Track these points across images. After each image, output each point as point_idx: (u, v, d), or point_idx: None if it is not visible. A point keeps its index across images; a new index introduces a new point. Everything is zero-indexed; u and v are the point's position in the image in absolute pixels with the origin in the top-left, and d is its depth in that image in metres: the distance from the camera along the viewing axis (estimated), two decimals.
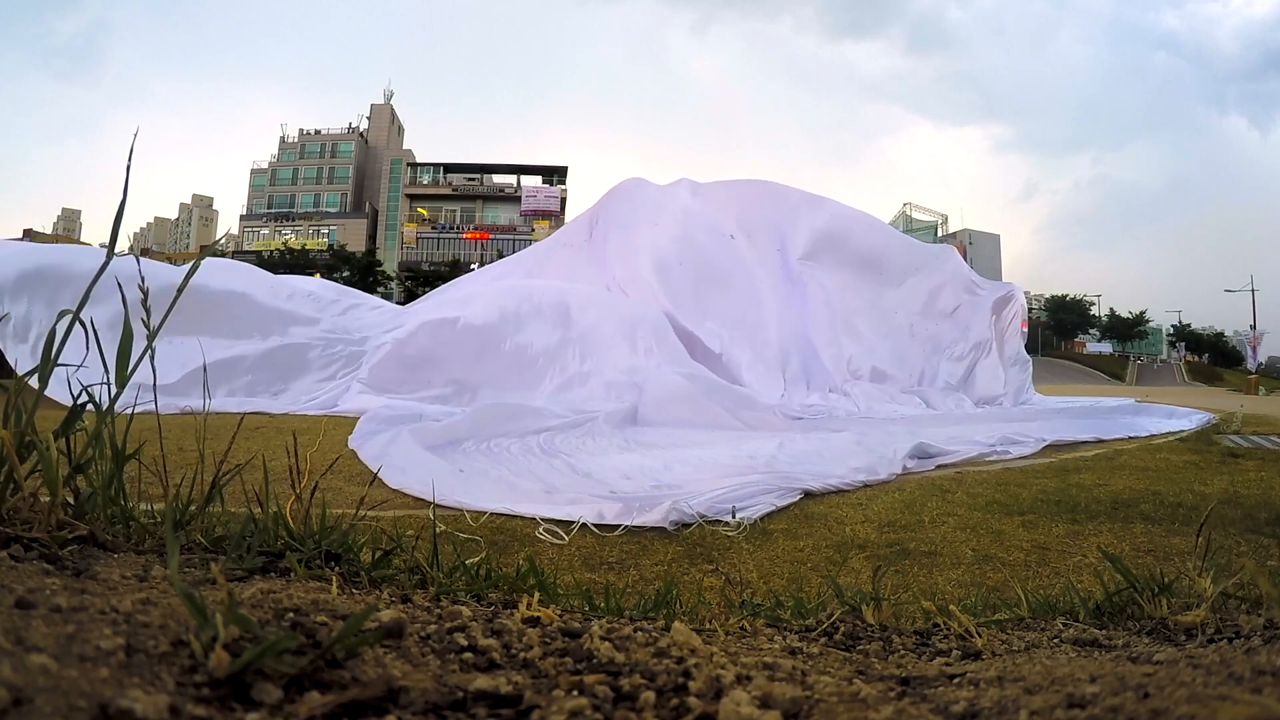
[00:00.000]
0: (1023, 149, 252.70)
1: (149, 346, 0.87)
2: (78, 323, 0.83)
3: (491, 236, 50.58)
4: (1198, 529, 1.07)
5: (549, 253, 11.45)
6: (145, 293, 0.89)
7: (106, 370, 0.86)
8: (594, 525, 2.57)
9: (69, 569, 0.67)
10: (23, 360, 5.53)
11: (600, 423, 5.27)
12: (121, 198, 0.93)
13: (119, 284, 0.88)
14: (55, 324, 0.82)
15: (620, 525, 2.56)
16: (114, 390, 0.86)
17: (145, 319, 0.88)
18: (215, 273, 7.45)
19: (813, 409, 7.71)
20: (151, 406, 0.93)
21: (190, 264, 0.96)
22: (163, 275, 5.76)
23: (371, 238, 54.12)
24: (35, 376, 0.84)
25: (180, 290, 0.91)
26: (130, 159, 0.93)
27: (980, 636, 0.78)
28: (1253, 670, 0.51)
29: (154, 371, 0.88)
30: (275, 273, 9.91)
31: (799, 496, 3.19)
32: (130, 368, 0.86)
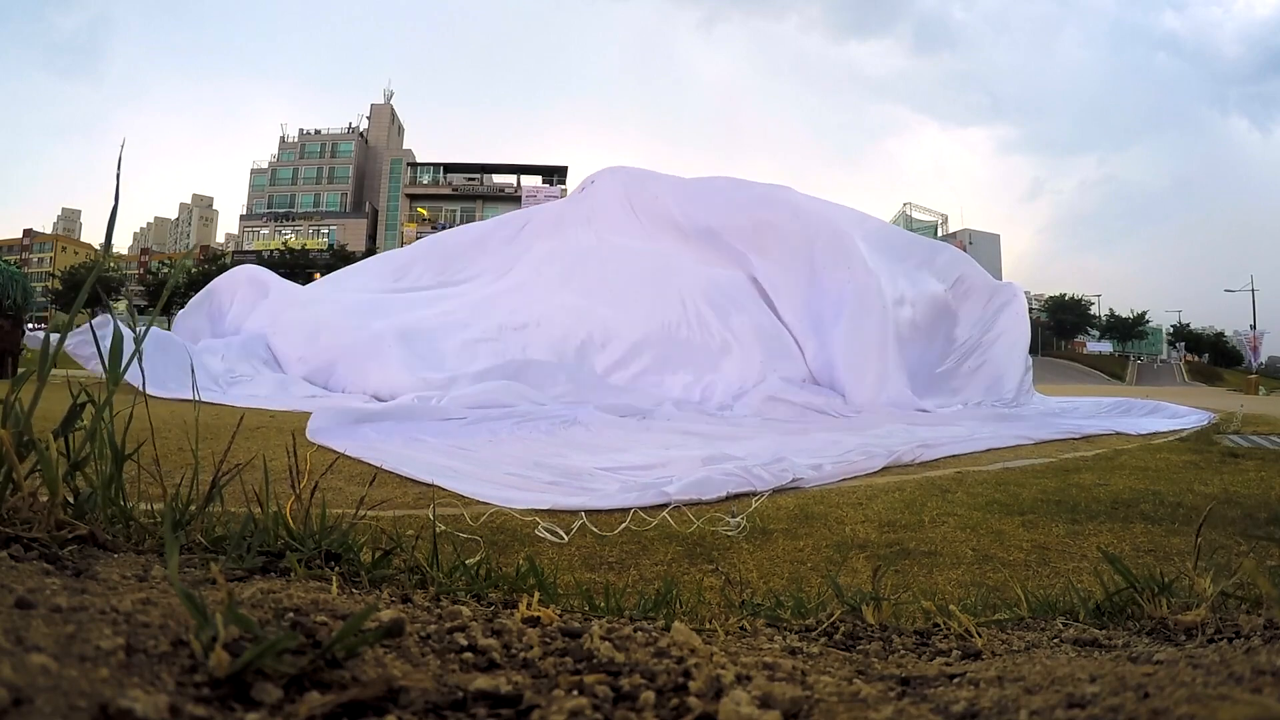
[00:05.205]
0: (1027, 150, 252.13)
1: (138, 347, 0.87)
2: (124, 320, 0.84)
3: None
4: (1196, 529, 1.07)
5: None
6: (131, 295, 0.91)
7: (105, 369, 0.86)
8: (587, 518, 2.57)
9: (69, 569, 0.67)
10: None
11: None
12: (113, 203, 0.93)
13: (110, 311, 0.89)
14: (50, 329, 0.83)
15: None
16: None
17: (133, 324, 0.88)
18: None
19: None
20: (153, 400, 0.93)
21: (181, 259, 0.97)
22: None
23: (371, 238, 54.14)
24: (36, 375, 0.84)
25: (168, 291, 0.91)
26: (119, 166, 0.93)
27: (980, 636, 0.78)
28: (1253, 670, 0.50)
29: (143, 373, 0.88)
30: (276, 273, 10.02)
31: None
32: (123, 366, 0.87)
